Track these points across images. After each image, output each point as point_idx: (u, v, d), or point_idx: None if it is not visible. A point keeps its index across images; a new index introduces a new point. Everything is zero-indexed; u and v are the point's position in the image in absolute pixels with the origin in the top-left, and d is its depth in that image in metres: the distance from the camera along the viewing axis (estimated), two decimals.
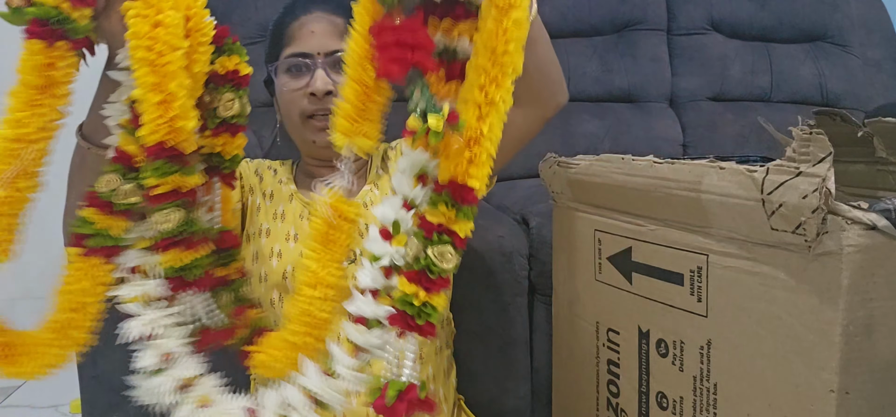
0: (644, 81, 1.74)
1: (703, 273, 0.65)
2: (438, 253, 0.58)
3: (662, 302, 0.71)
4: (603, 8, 1.74)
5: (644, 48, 1.75)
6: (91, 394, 1.00)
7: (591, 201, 0.83)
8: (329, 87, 0.82)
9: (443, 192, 0.58)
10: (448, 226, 0.58)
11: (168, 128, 0.61)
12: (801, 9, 1.83)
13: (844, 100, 1.81)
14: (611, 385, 0.82)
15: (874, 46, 1.88)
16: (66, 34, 0.60)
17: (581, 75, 1.68)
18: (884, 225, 0.51)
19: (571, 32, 1.71)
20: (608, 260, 0.80)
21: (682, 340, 0.69)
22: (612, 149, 1.63)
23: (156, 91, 0.60)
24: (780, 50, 1.82)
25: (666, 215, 0.69)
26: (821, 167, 0.51)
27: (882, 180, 0.84)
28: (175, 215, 0.65)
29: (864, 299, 0.52)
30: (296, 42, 0.84)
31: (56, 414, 1.52)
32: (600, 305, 0.82)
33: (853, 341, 0.52)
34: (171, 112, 0.60)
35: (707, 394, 0.66)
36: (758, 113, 1.62)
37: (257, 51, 1.62)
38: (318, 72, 0.82)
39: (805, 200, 0.52)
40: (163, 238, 0.65)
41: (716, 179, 0.60)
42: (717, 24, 1.81)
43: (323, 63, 0.83)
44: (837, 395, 0.53)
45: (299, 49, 0.83)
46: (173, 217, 0.65)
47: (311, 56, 0.83)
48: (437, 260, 0.58)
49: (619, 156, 0.75)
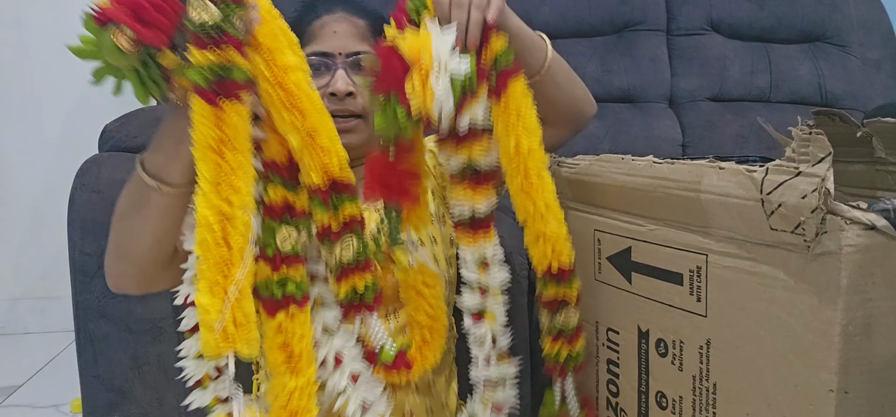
0: (643, 82, 1.74)
1: (703, 273, 0.65)
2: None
3: (662, 302, 0.71)
4: (602, 8, 1.74)
5: (643, 48, 1.75)
6: (92, 394, 1.00)
7: (590, 201, 0.83)
8: (350, 88, 0.82)
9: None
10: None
11: (329, 164, 0.62)
12: (801, 9, 1.83)
13: (843, 100, 1.81)
14: (610, 384, 0.83)
15: (873, 47, 1.89)
16: (235, 84, 0.57)
17: (580, 75, 1.66)
18: (883, 225, 0.51)
19: (571, 32, 1.71)
20: (608, 259, 0.80)
21: (681, 340, 0.69)
22: (612, 149, 1.63)
23: (302, 133, 0.61)
24: (779, 50, 1.82)
25: (665, 215, 0.69)
26: (820, 167, 0.51)
27: (881, 180, 0.84)
28: (351, 242, 0.66)
29: (863, 299, 0.52)
30: (317, 40, 0.84)
31: (57, 414, 1.52)
32: (600, 305, 0.83)
33: (852, 341, 0.53)
34: (323, 147, 0.62)
35: (706, 394, 0.67)
36: (757, 113, 1.63)
37: None
38: (339, 72, 0.82)
39: (804, 200, 0.52)
40: (342, 267, 0.66)
41: (715, 179, 0.61)
42: (717, 24, 1.81)
43: (343, 63, 0.83)
44: (836, 395, 0.53)
45: (321, 48, 0.83)
46: (351, 245, 0.66)
47: (333, 56, 0.83)
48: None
49: (618, 156, 0.75)
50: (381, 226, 0.78)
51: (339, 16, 0.84)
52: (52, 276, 2.03)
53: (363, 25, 0.85)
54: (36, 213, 2.01)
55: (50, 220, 1.99)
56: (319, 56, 0.83)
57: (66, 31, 2.16)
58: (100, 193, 0.95)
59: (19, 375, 1.72)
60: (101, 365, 0.99)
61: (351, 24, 0.84)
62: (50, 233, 1.98)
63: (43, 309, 2.03)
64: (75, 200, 0.95)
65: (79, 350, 0.99)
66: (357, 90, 0.83)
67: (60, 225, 0.95)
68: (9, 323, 2.03)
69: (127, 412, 1.00)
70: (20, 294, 2.04)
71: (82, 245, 0.95)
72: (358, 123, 0.85)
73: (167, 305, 0.98)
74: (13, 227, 2.02)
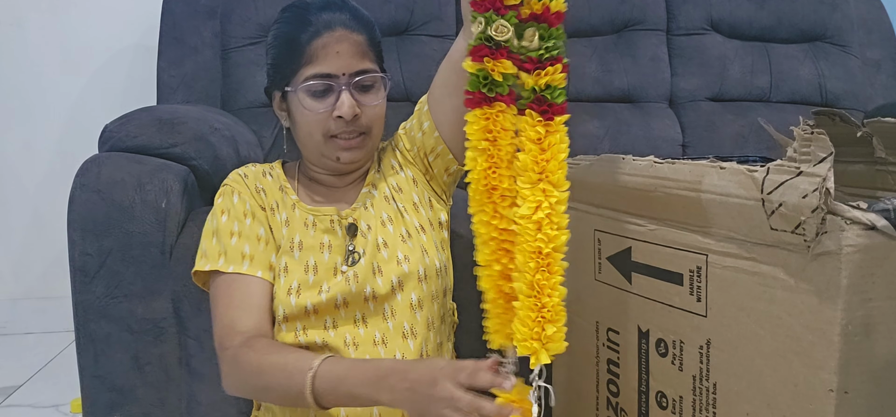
0: (643, 81, 1.74)
1: (703, 273, 0.65)
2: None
3: (662, 302, 0.71)
4: (602, 8, 1.74)
5: (643, 48, 1.75)
6: (92, 394, 1.00)
7: (591, 201, 0.83)
8: (356, 111, 0.82)
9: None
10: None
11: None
12: (801, 9, 1.83)
13: (844, 100, 1.81)
14: (611, 384, 0.83)
15: (873, 46, 1.89)
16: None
17: (581, 75, 1.69)
18: (883, 226, 0.51)
19: (571, 32, 1.70)
20: (608, 259, 0.80)
21: (681, 340, 0.69)
22: (612, 149, 1.63)
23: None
24: (779, 50, 1.82)
25: (666, 215, 0.69)
26: (821, 167, 0.51)
27: (881, 180, 0.84)
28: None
29: (863, 299, 0.52)
30: (318, 61, 0.82)
31: (57, 414, 1.52)
32: (600, 305, 0.83)
33: (852, 341, 0.53)
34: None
35: (706, 394, 0.67)
36: (757, 113, 1.63)
37: (257, 51, 1.62)
38: (345, 95, 0.82)
39: (805, 200, 0.52)
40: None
41: (716, 179, 0.61)
42: (717, 24, 1.81)
43: (348, 83, 0.82)
44: (836, 395, 0.53)
45: (323, 70, 0.82)
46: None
47: (337, 77, 0.82)
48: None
49: (619, 156, 0.75)
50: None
51: (339, 34, 0.83)
52: (52, 276, 2.02)
53: (362, 40, 0.84)
54: (36, 213, 2.01)
55: (50, 220, 1.98)
56: (322, 78, 0.82)
57: (66, 31, 2.17)
58: (100, 193, 0.95)
59: (19, 375, 1.72)
60: (102, 365, 0.99)
61: (351, 42, 0.83)
62: (50, 233, 1.98)
63: (43, 309, 2.03)
64: (75, 200, 0.95)
65: (79, 350, 0.99)
66: (361, 109, 0.83)
67: (60, 225, 0.95)
68: (9, 323, 2.03)
69: (127, 412, 1.00)
70: (20, 294, 2.04)
71: (82, 245, 0.95)
72: (362, 139, 0.86)
73: (168, 305, 0.98)
74: (13, 227, 2.01)
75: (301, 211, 0.87)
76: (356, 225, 0.86)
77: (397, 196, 0.90)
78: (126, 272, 0.96)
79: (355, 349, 0.81)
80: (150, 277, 0.96)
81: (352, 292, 0.81)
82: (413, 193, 0.90)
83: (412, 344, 0.82)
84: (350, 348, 0.81)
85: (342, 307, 0.81)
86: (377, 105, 0.86)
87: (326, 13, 0.83)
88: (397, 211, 0.88)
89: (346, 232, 0.85)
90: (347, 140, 0.85)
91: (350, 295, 0.81)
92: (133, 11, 1.94)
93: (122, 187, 0.95)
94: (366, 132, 0.86)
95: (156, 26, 1.60)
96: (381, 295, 0.82)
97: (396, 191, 0.90)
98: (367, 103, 0.84)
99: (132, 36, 1.96)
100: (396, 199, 0.89)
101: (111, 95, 1.95)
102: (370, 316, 0.82)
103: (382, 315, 0.83)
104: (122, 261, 0.96)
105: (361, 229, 0.86)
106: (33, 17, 1.95)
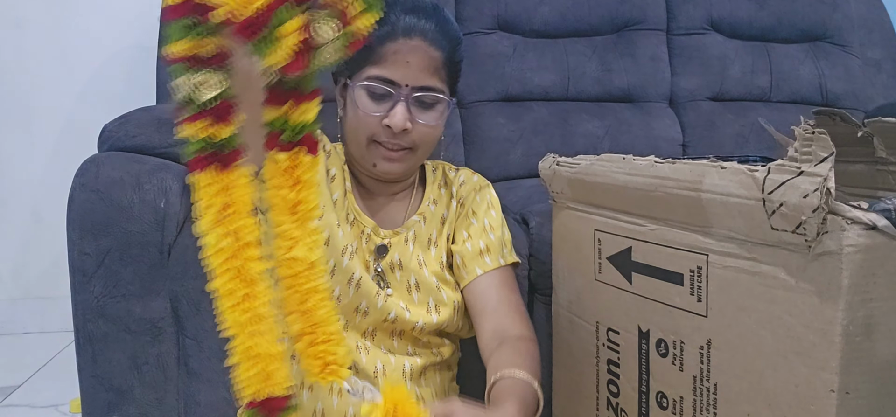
0: (644, 81, 1.74)
1: (703, 273, 0.65)
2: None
3: (662, 302, 0.71)
4: (602, 8, 1.74)
5: (643, 48, 1.75)
6: (91, 393, 1.00)
7: (590, 201, 0.83)
8: (407, 126, 0.80)
9: None
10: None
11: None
12: (801, 9, 1.83)
13: (844, 100, 1.81)
14: (611, 384, 0.82)
15: (874, 46, 1.88)
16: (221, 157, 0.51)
17: (580, 75, 1.68)
18: (884, 225, 0.51)
19: (571, 32, 1.70)
20: (608, 259, 0.80)
21: (681, 340, 0.69)
22: (612, 148, 1.63)
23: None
24: (779, 50, 1.82)
25: (666, 215, 0.69)
26: (822, 167, 0.51)
27: (882, 180, 0.84)
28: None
29: (864, 299, 0.52)
30: (385, 65, 0.79)
31: (56, 414, 1.52)
32: (600, 305, 0.82)
33: (853, 341, 0.52)
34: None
35: (707, 394, 0.66)
36: (757, 113, 1.62)
37: None
38: (400, 107, 0.79)
39: (806, 200, 0.52)
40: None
41: (717, 179, 0.60)
42: (717, 23, 1.81)
43: (407, 96, 0.80)
44: (837, 395, 0.53)
45: (387, 75, 0.79)
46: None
47: (400, 86, 0.80)
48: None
49: (619, 156, 0.75)
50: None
51: (415, 44, 0.79)
52: (51, 276, 2.02)
53: (438, 57, 0.81)
54: (35, 213, 2.01)
55: (50, 220, 1.98)
56: (384, 83, 0.79)
57: (66, 31, 2.16)
58: (98, 193, 0.95)
59: (19, 375, 1.72)
60: (101, 365, 0.98)
61: (426, 55, 0.80)
62: (49, 233, 1.98)
63: (42, 309, 2.03)
64: (74, 200, 0.95)
65: (78, 350, 0.99)
66: (413, 125, 0.81)
67: (60, 226, 0.95)
68: (8, 323, 2.03)
69: (126, 412, 1.00)
70: (20, 294, 2.04)
71: (81, 245, 0.95)
72: (405, 155, 0.83)
73: (166, 305, 0.98)
74: (13, 227, 2.01)
75: (349, 202, 0.86)
76: (387, 249, 0.85)
77: (435, 247, 0.90)
78: (124, 272, 0.96)
79: (367, 354, 0.82)
80: (148, 277, 0.96)
81: (377, 309, 0.82)
82: (443, 255, 0.90)
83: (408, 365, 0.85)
84: (361, 352, 0.82)
85: (362, 314, 0.83)
86: (432, 126, 0.83)
87: (410, 17, 0.80)
88: (432, 259, 0.88)
89: (376, 251, 0.85)
90: (389, 151, 0.82)
91: (373, 313, 0.82)
92: (133, 11, 1.94)
93: (120, 187, 0.95)
94: (411, 148, 0.83)
95: (156, 26, 1.60)
96: (405, 328, 0.84)
97: (434, 244, 0.90)
98: (421, 120, 0.81)
99: (132, 36, 1.96)
100: (434, 242, 0.89)
101: (111, 95, 1.95)
102: (380, 330, 0.84)
103: (391, 334, 0.85)
104: (121, 261, 0.95)
105: (393, 261, 0.85)
106: (33, 17, 1.95)
